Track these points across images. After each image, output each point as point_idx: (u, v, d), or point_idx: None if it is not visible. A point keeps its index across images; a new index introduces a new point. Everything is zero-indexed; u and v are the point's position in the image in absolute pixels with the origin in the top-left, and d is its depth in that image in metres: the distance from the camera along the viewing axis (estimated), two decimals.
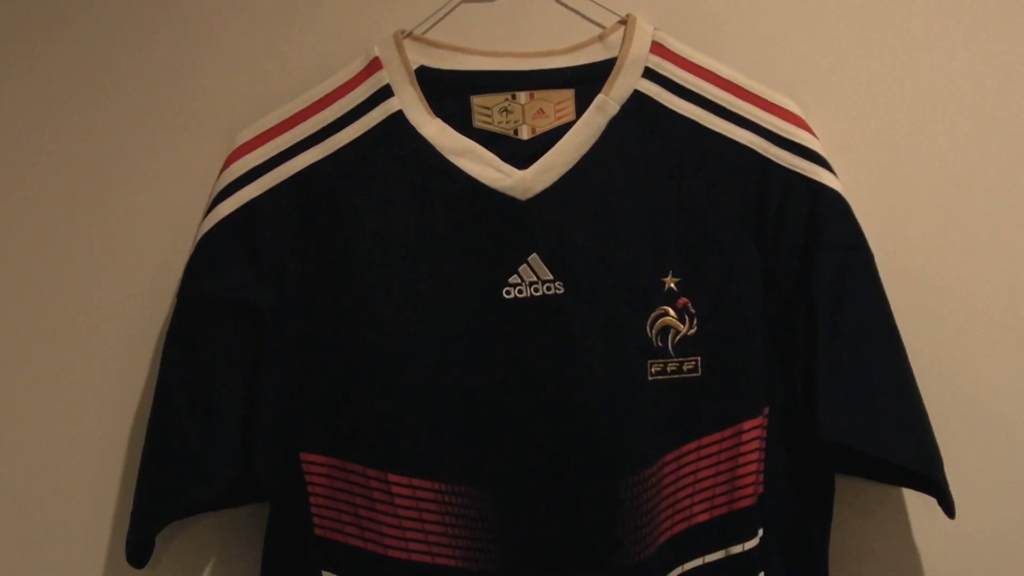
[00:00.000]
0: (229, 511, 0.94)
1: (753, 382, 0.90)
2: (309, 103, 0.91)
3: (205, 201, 0.91)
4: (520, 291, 0.88)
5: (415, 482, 0.88)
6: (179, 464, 0.89)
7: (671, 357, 0.89)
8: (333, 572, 0.90)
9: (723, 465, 0.90)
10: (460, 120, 0.91)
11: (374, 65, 0.90)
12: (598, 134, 0.89)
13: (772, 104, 0.91)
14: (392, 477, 0.88)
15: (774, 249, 0.90)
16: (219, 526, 0.96)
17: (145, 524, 0.90)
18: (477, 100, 0.91)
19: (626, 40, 0.91)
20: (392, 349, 0.88)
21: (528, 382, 0.88)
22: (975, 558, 0.96)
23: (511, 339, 0.88)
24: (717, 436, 0.90)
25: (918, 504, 0.95)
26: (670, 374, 0.89)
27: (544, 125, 0.91)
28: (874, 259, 0.90)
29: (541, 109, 0.91)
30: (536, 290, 0.88)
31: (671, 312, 0.89)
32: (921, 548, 0.96)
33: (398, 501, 0.88)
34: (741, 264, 0.89)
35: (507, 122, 0.91)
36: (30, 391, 0.96)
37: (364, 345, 0.88)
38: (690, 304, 0.89)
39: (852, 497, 0.94)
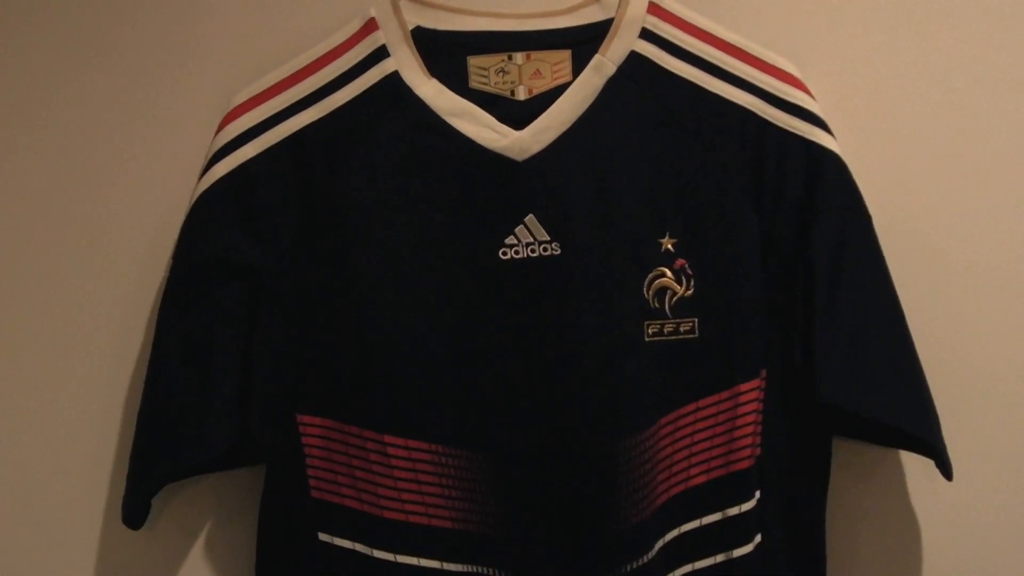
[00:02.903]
0: (225, 473, 0.94)
1: (750, 344, 0.89)
2: (305, 64, 0.90)
3: (201, 163, 0.90)
4: (517, 252, 0.88)
5: (411, 443, 0.88)
6: (175, 426, 0.89)
7: (668, 318, 0.89)
8: (329, 534, 0.90)
9: (720, 427, 0.90)
10: (456, 81, 0.90)
11: (370, 26, 0.90)
12: (595, 95, 0.89)
13: (769, 65, 0.90)
14: (388, 439, 0.88)
15: (772, 211, 0.89)
16: (215, 488, 0.96)
17: (141, 486, 0.90)
18: (474, 61, 0.91)
19: (623, 1, 0.91)
20: (389, 310, 0.88)
21: (525, 343, 0.88)
22: (972, 521, 0.95)
23: (508, 300, 0.88)
24: (714, 398, 0.89)
25: (915, 467, 0.95)
26: (667, 335, 0.89)
27: (541, 86, 0.91)
28: (872, 221, 0.89)
29: (538, 70, 0.91)
30: (533, 251, 0.88)
31: (668, 273, 0.89)
32: (918, 511, 0.95)
33: (394, 463, 0.88)
34: (738, 226, 0.89)
35: (504, 83, 0.91)
36: (25, 354, 0.96)
37: (361, 306, 0.88)
38: (687, 265, 0.89)
39: (849, 460, 0.94)
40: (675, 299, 0.89)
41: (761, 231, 0.89)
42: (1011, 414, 0.95)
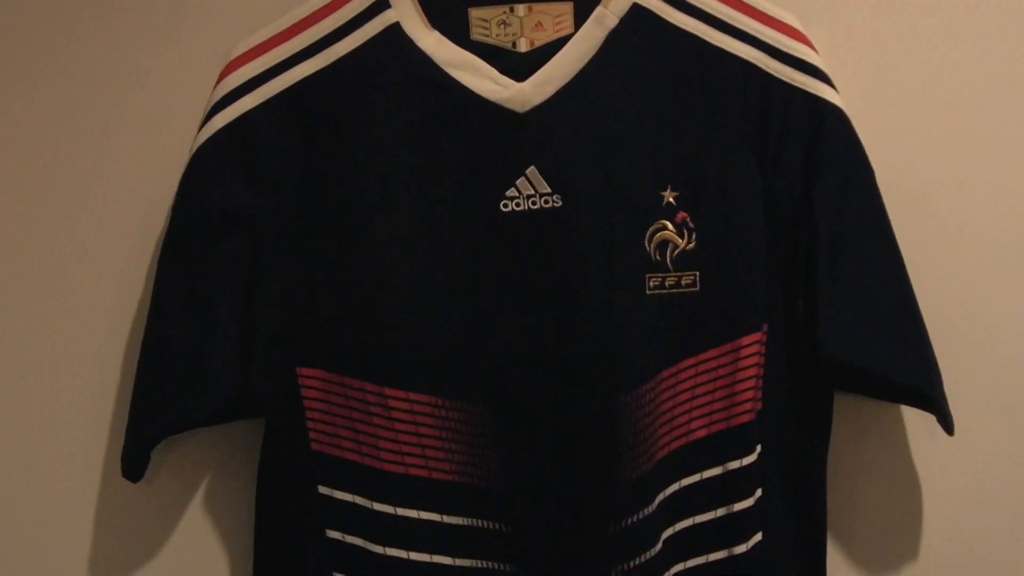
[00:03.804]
0: (225, 426, 0.93)
1: (752, 298, 0.89)
2: (305, 15, 0.90)
3: (201, 114, 0.90)
4: (518, 204, 0.87)
5: (412, 396, 0.88)
6: (174, 378, 0.88)
7: (669, 271, 0.88)
8: (329, 486, 0.89)
9: (721, 381, 0.89)
10: (458, 33, 0.90)
11: None
12: (596, 47, 0.89)
13: (772, 18, 0.90)
14: (389, 391, 0.88)
15: (775, 165, 0.89)
16: (215, 441, 0.95)
17: (140, 438, 0.89)
18: (475, 12, 0.90)
19: None
20: (389, 262, 0.87)
21: (526, 296, 0.87)
22: (972, 475, 0.95)
23: (509, 252, 0.87)
24: (715, 352, 0.89)
25: (916, 421, 0.95)
26: (668, 288, 0.89)
27: (542, 38, 0.90)
28: (874, 175, 0.89)
29: (539, 22, 0.90)
30: (534, 203, 0.87)
31: (670, 226, 0.88)
32: (919, 465, 0.96)
33: (395, 415, 0.88)
34: (741, 179, 0.89)
35: (505, 35, 0.90)
36: (24, 306, 0.95)
37: (361, 258, 0.88)
38: (689, 218, 0.88)
39: (850, 414, 0.94)
40: (676, 252, 0.89)
41: (763, 185, 0.89)
42: (1013, 369, 0.95)
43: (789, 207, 0.89)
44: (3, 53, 0.95)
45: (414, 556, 0.89)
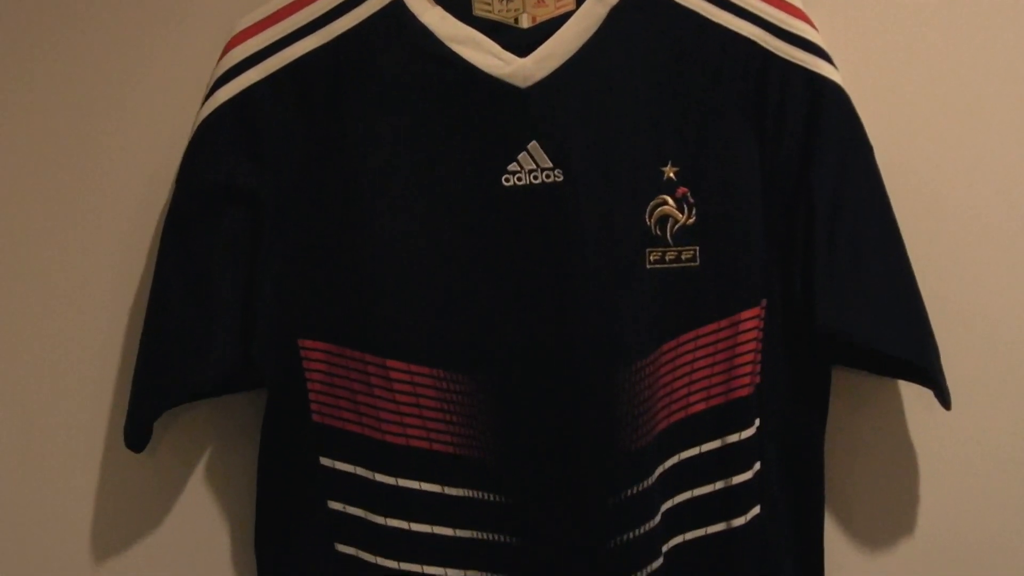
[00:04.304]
0: (227, 398, 0.94)
1: (751, 273, 0.90)
2: None
3: (204, 88, 0.90)
4: (519, 179, 0.88)
5: (413, 368, 0.88)
6: (177, 350, 0.89)
7: (669, 246, 0.89)
8: (331, 458, 0.90)
9: (720, 355, 0.90)
10: (460, 8, 0.90)
11: None
12: (598, 23, 0.89)
13: None
14: (390, 363, 0.88)
15: (774, 142, 0.89)
16: (217, 413, 0.96)
17: (143, 409, 0.90)
18: None
19: None
20: (391, 235, 0.88)
21: (527, 269, 0.88)
22: (969, 450, 0.96)
23: (510, 226, 0.88)
24: (714, 326, 0.90)
25: (913, 396, 0.95)
26: (668, 263, 0.89)
27: (544, 14, 0.91)
28: (873, 152, 0.90)
29: None
30: (535, 178, 0.88)
31: (670, 201, 0.89)
32: (916, 440, 0.96)
33: (396, 387, 0.88)
34: (740, 156, 0.89)
35: (507, 11, 0.91)
36: (27, 280, 0.96)
37: (363, 231, 0.88)
38: (689, 194, 0.89)
39: (847, 389, 0.95)
40: (676, 227, 0.89)
41: (763, 161, 0.89)
42: (1010, 344, 0.96)
43: (788, 183, 0.89)
44: (4, 24, 0.95)
45: (415, 527, 0.89)
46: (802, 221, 0.89)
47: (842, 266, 0.88)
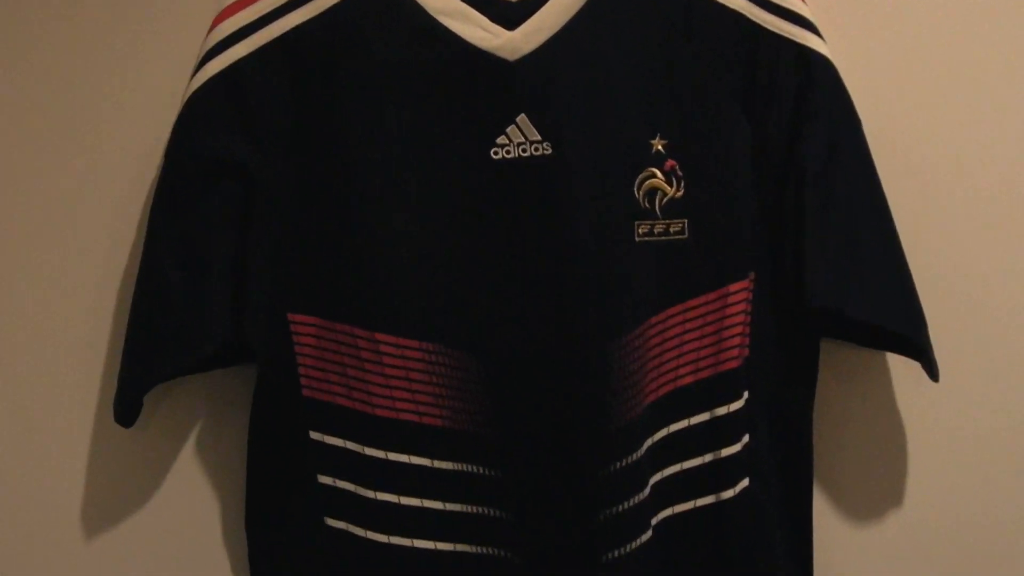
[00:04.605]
0: (217, 372, 0.94)
1: (740, 246, 0.90)
2: None
3: (193, 61, 0.90)
4: (508, 152, 0.88)
5: (403, 342, 0.88)
6: (167, 324, 0.89)
7: (658, 219, 0.89)
8: (320, 432, 0.90)
9: (709, 328, 0.90)
10: None
11: None
12: None
13: None
14: (380, 337, 0.88)
15: (763, 114, 0.89)
16: (207, 387, 0.96)
17: (132, 384, 0.90)
18: None
19: None
20: (381, 209, 0.88)
21: (516, 243, 0.88)
22: (957, 422, 0.96)
23: (500, 200, 0.88)
24: (703, 299, 0.90)
25: (901, 368, 0.96)
26: (657, 236, 0.89)
27: None
28: (862, 125, 0.90)
29: None
30: (524, 151, 0.88)
31: (659, 174, 0.89)
32: (904, 412, 0.97)
33: (386, 360, 0.89)
34: (729, 128, 0.89)
35: None
36: (16, 253, 0.96)
37: (353, 205, 0.88)
38: (678, 166, 0.89)
39: (836, 362, 0.95)
40: (665, 200, 0.89)
41: (752, 134, 0.90)
42: (997, 316, 0.96)
43: (777, 156, 0.90)
44: None
45: (405, 501, 0.89)
46: (791, 194, 0.89)
47: (831, 239, 0.89)
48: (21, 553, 0.95)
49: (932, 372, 0.90)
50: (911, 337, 0.90)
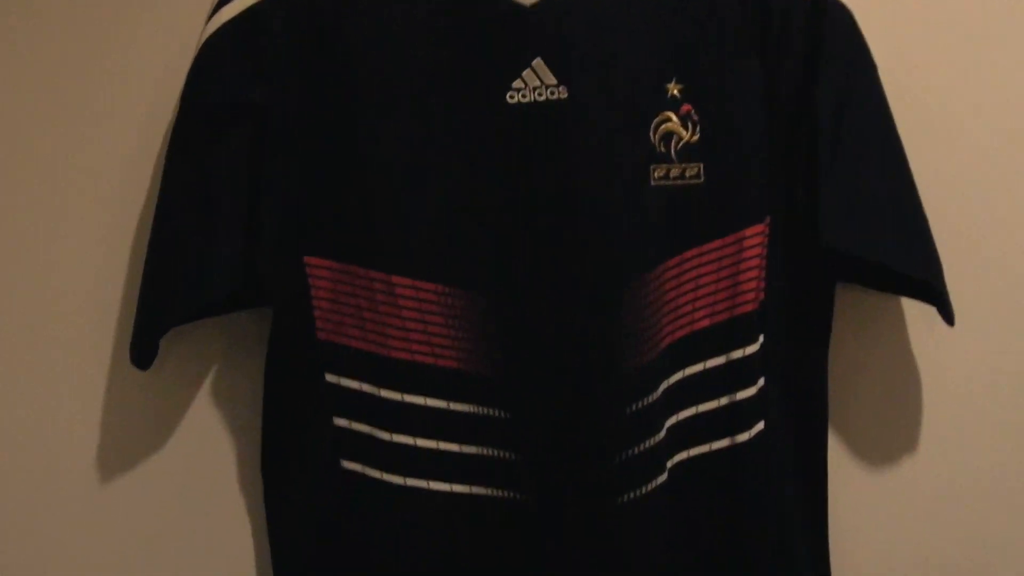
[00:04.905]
0: (233, 316, 0.94)
1: (755, 190, 0.90)
2: None
3: (208, 9, 0.90)
4: (524, 96, 0.88)
5: (418, 284, 0.89)
6: (183, 267, 0.90)
7: (674, 163, 0.89)
8: (336, 374, 0.90)
9: (724, 272, 0.90)
10: None
11: None
12: None
13: None
14: (396, 279, 0.88)
15: (777, 60, 0.89)
16: (223, 330, 0.96)
17: (149, 327, 0.90)
18: None
19: None
20: (397, 153, 0.88)
21: (531, 186, 0.88)
22: (972, 367, 0.97)
23: (515, 143, 0.88)
24: (719, 243, 0.90)
25: (916, 315, 0.96)
26: (672, 180, 0.89)
27: None
28: (877, 70, 0.90)
29: None
30: (540, 95, 0.88)
31: (674, 118, 0.89)
32: (919, 357, 0.97)
33: (401, 303, 0.89)
34: (744, 73, 0.89)
35: None
36: (32, 196, 0.96)
37: (369, 149, 0.88)
38: (693, 111, 0.89)
39: (851, 306, 0.95)
40: (681, 144, 0.89)
41: (766, 79, 0.89)
42: (1014, 260, 0.96)
43: (791, 101, 0.89)
44: None
45: (421, 443, 0.90)
46: (806, 138, 0.89)
47: (846, 182, 0.89)
48: (39, 496, 0.96)
49: (947, 316, 0.90)
50: (926, 280, 0.90)
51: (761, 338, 0.91)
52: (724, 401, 0.91)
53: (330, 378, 0.90)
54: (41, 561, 0.96)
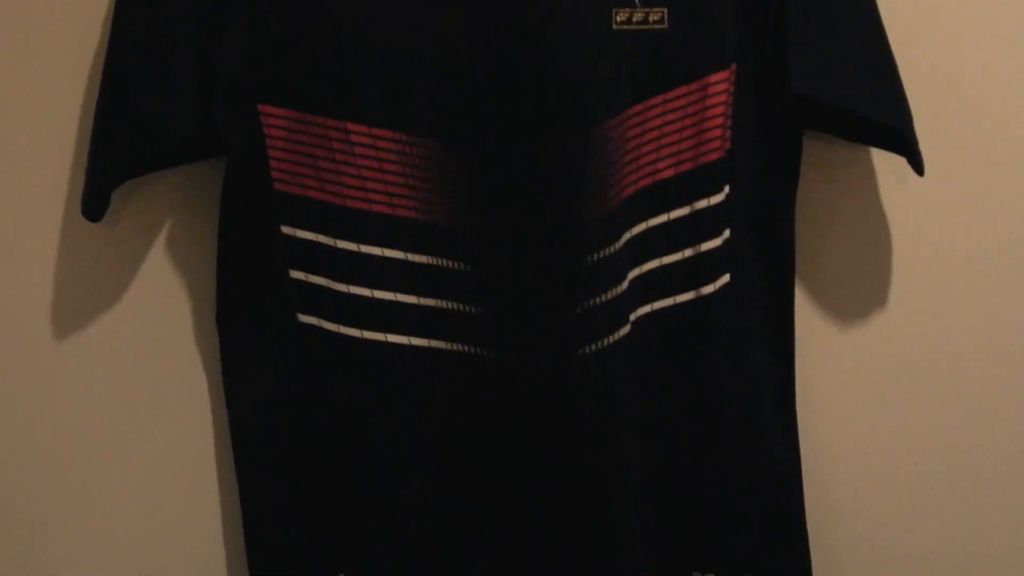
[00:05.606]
0: (187, 168, 0.92)
1: (721, 36, 0.87)
2: None
3: None
4: None
5: (375, 131, 0.87)
6: (135, 117, 0.87)
7: (636, 7, 0.87)
8: (292, 226, 0.88)
9: (689, 120, 0.88)
10: None
11: None
12: None
13: None
14: (352, 126, 0.86)
15: None
16: (177, 183, 0.94)
17: (100, 177, 0.88)
18: None
19: None
20: None
21: (492, 29, 0.86)
22: (940, 217, 0.95)
23: None
24: (683, 90, 0.88)
25: (886, 165, 0.94)
26: (636, 24, 0.87)
27: None
28: None
29: None
30: None
31: None
32: (887, 208, 0.95)
33: (358, 151, 0.87)
34: None
35: None
36: None
37: None
38: None
39: (819, 158, 0.93)
40: None
41: None
42: (984, 104, 0.94)
43: None
44: None
45: (378, 294, 0.88)
46: None
47: (816, 29, 0.87)
48: None
49: (917, 165, 0.88)
50: (896, 127, 0.88)
51: (727, 188, 0.89)
52: (688, 253, 0.89)
53: (286, 230, 0.88)
54: None
